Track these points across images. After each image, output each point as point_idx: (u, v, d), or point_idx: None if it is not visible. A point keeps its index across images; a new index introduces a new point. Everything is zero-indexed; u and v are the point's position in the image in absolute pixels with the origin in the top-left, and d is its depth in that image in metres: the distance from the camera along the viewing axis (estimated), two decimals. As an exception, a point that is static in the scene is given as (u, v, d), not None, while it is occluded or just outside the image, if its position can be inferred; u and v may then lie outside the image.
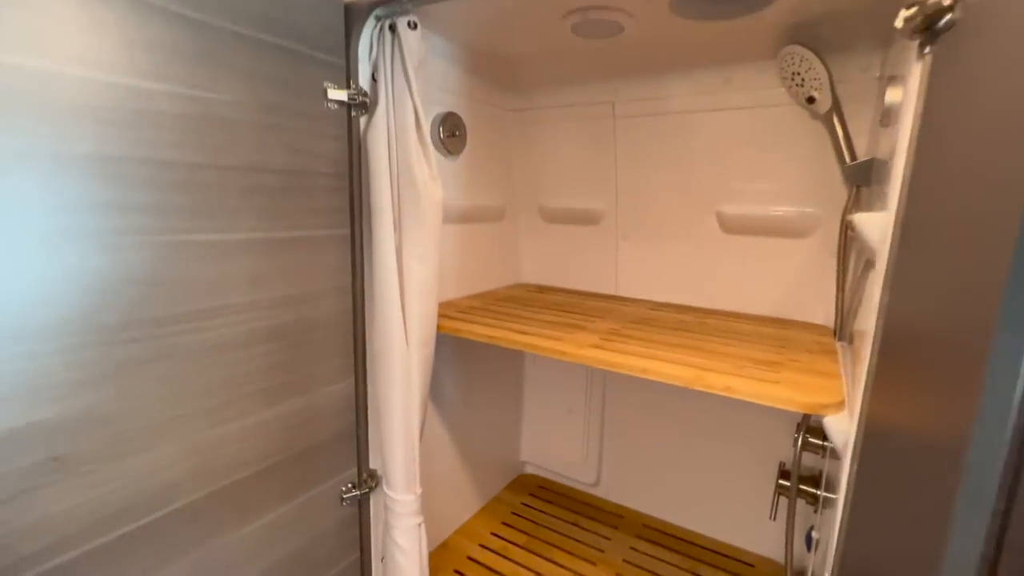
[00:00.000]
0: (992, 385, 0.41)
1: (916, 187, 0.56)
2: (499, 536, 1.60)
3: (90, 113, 0.69)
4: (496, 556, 1.51)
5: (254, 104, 0.88)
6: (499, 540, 1.58)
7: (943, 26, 0.51)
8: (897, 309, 0.58)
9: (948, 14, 0.50)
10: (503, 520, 1.68)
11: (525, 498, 1.80)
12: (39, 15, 0.63)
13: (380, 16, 1.03)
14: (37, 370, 0.67)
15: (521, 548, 1.54)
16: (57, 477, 0.71)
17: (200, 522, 0.89)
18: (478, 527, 1.64)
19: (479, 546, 1.55)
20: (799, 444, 1.10)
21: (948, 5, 0.49)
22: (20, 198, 0.64)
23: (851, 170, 1.10)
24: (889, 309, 0.59)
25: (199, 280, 0.83)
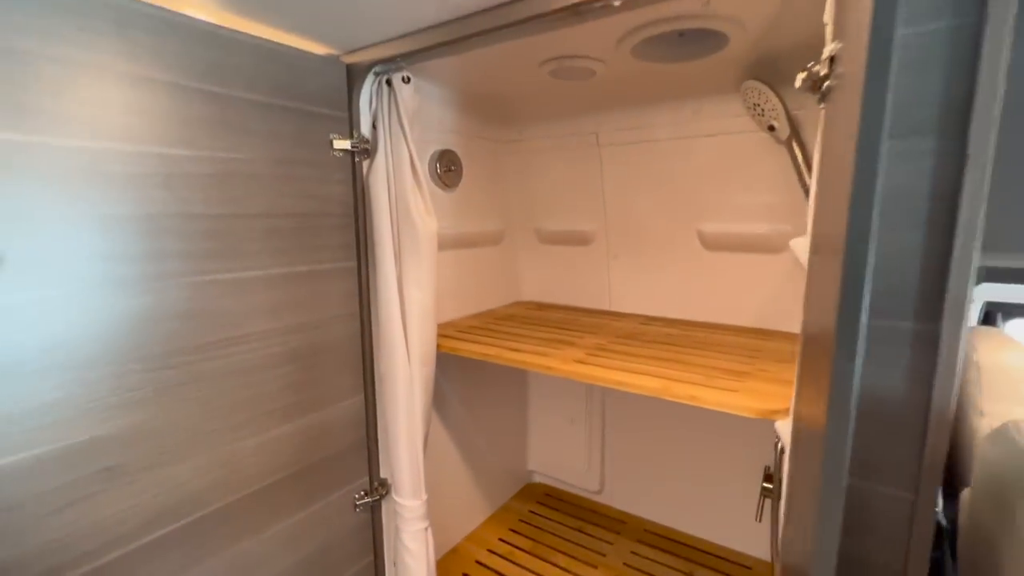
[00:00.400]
0: (837, 377, 0.51)
1: (817, 214, 0.66)
2: (506, 542, 1.69)
3: (132, 180, 0.83)
4: (502, 560, 1.60)
5: (269, 159, 1.02)
6: (506, 545, 1.67)
7: (826, 88, 0.61)
8: (807, 319, 0.67)
9: (826, 81, 0.59)
10: (510, 527, 1.77)
11: (532, 506, 1.89)
12: (97, 106, 0.78)
13: (378, 72, 1.17)
14: (93, 394, 0.80)
15: (526, 553, 1.63)
16: (109, 485, 0.84)
17: (229, 525, 1.01)
18: (486, 533, 1.73)
19: (487, 551, 1.64)
20: (778, 448, 1.17)
21: (824, 75, 0.59)
22: (77, 252, 0.78)
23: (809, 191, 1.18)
24: (804, 320, 0.69)
25: (224, 313, 0.96)
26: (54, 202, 0.75)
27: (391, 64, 1.13)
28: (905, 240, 0.61)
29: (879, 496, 0.66)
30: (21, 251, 0.72)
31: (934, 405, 0.60)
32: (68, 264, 0.77)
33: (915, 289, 0.61)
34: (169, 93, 0.86)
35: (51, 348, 0.76)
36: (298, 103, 1.07)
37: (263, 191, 1.01)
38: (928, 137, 0.59)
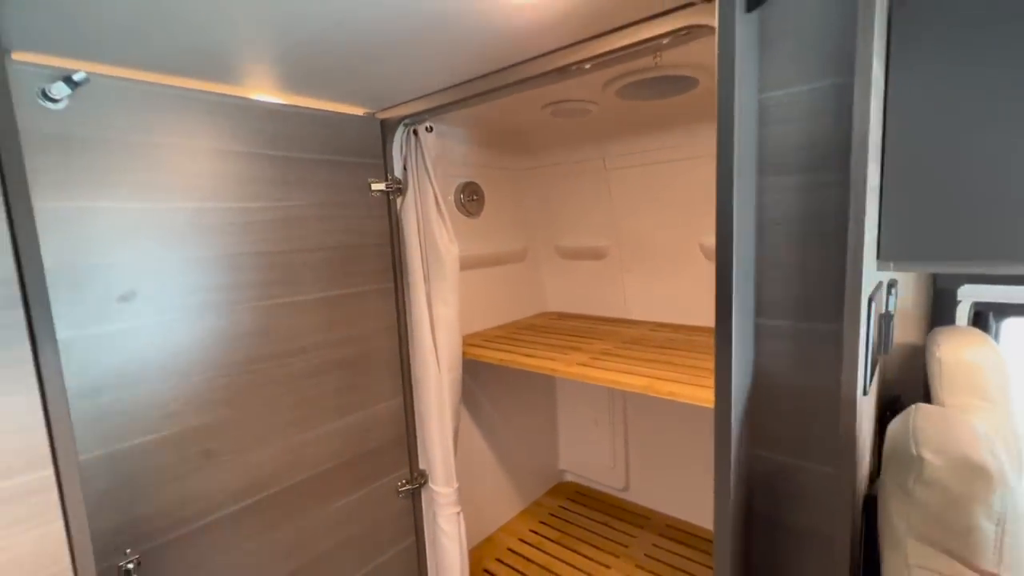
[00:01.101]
0: (720, 362, 0.65)
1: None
2: (536, 532, 1.84)
3: (219, 229, 1.08)
4: (532, 548, 1.76)
5: (318, 204, 1.26)
6: (536, 536, 1.83)
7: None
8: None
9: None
10: (541, 520, 1.92)
11: (563, 501, 2.03)
12: (194, 176, 1.04)
13: (407, 124, 1.39)
14: (195, 393, 1.06)
15: (554, 543, 1.78)
16: (206, 463, 1.09)
17: (294, 501, 1.24)
18: (518, 525, 1.89)
19: (518, 540, 1.81)
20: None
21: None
22: (182, 286, 1.04)
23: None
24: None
25: (288, 329, 1.21)
26: (167, 250, 1.01)
27: (417, 117, 1.36)
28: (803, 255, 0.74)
29: (808, 472, 0.79)
30: (146, 287, 0.99)
31: (843, 392, 0.72)
32: (176, 295, 1.03)
33: (820, 294, 0.74)
34: (243, 160, 1.12)
35: (166, 358, 1.02)
36: (342, 156, 1.31)
37: (316, 229, 1.25)
38: (822, 171, 0.72)
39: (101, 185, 0.92)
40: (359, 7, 0.76)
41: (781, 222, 0.77)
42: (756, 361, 0.82)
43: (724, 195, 0.62)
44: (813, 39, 0.71)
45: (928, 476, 0.56)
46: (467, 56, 1.00)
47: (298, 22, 0.80)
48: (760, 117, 0.76)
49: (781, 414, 0.81)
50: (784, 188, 0.76)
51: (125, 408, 0.96)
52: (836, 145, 0.72)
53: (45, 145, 0.84)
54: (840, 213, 0.72)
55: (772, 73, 0.75)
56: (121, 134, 0.94)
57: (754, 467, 0.85)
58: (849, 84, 0.68)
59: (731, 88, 0.59)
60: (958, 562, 0.53)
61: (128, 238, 0.96)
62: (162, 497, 1.02)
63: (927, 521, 0.55)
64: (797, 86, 0.73)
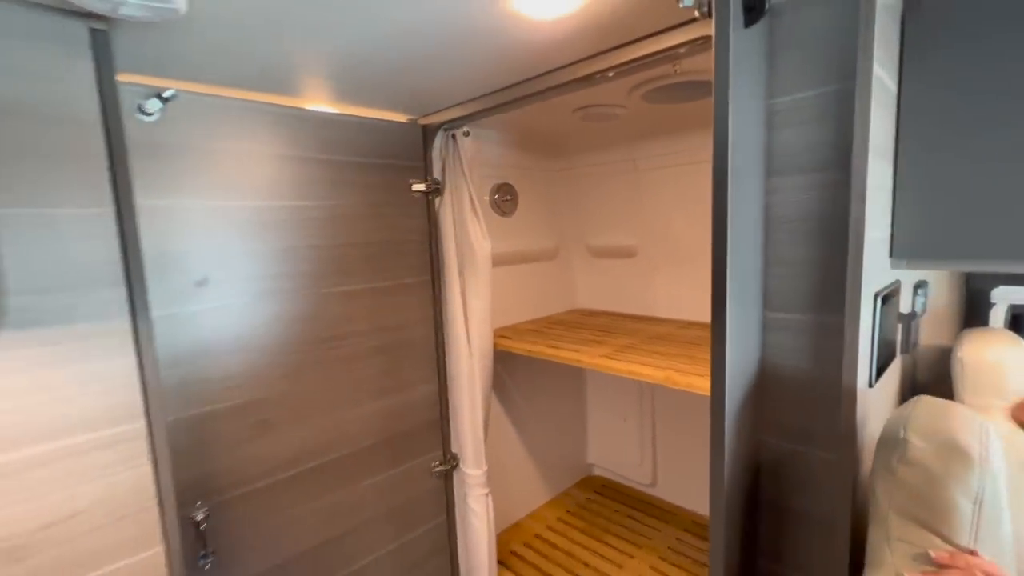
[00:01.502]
0: (715, 352, 0.71)
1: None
2: (563, 521, 1.91)
3: (277, 224, 1.22)
4: (558, 535, 1.83)
5: (365, 203, 1.38)
6: (562, 524, 1.89)
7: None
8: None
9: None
10: (568, 509, 1.99)
11: (590, 494, 2.09)
12: (256, 177, 1.18)
13: (446, 129, 1.49)
14: (256, 369, 1.20)
15: (579, 532, 1.84)
16: (264, 432, 1.22)
17: (338, 473, 1.37)
18: (546, 513, 1.97)
19: (545, 527, 1.88)
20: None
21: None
22: (246, 274, 1.18)
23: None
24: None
25: (336, 316, 1.33)
26: (233, 242, 1.15)
27: (455, 123, 1.46)
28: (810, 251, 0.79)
29: (812, 458, 0.83)
30: (216, 275, 1.13)
31: (844, 382, 0.76)
32: (242, 282, 1.17)
33: (826, 289, 0.78)
34: (299, 164, 1.25)
35: (233, 337, 1.16)
36: (386, 159, 1.43)
37: (362, 226, 1.38)
38: (828, 172, 0.76)
39: (182, 186, 1.07)
40: (404, 25, 0.86)
41: (788, 220, 0.82)
42: (763, 352, 0.86)
43: (719, 194, 0.68)
44: (819, 48, 0.75)
45: (910, 456, 0.60)
46: (499, 67, 1.09)
47: (352, 42, 0.91)
48: (768, 121, 0.81)
49: (787, 403, 0.85)
50: (791, 188, 0.80)
51: (198, 379, 1.11)
52: (840, 147, 0.76)
53: (140, 152, 0.99)
54: (845, 211, 0.76)
55: (780, 80, 0.79)
56: (199, 142, 1.08)
57: (760, 454, 0.89)
58: (853, 89, 0.72)
59: (725, 97, 0.65)
60: (936, 537, 0.57)
61: (203, 231, 1.10)
62: (226, 459, 1.17)
63: (908, 498, 0.59)
64: (803, 92, 0.77)
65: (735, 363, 0.74)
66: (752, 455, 0.88)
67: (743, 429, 0.82)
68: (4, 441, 0.73)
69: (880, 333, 0.83)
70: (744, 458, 0.83)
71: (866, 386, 0.80)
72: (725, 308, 0.70)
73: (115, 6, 0.63)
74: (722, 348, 0.71)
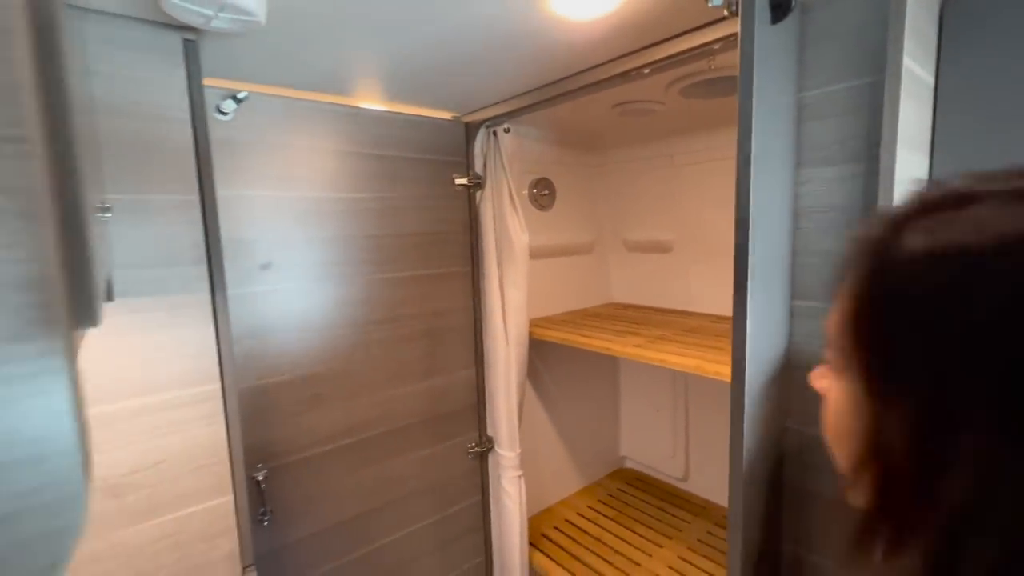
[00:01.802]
0: (736, 340, 0.75)
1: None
2: (593, 509, 1.95)
3: (336, 215, 1.33)
4: (588, 522, 1.87)
5: (413, 196, 1.47)
6: (593, 512, 1.94)
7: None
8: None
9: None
10: (599, 499, 2.03)
11: (621, 485, 2.12)
12: (317, 171, 1.29)
13: (488, 126, 1.57)
14: (312, 346, 1.31)
15: (610, 520, 1.88)
16: (317, 405, 1.34)
17: (382, 447, 1.47)
18: (577, 501, 2.01)
19: (576, 513, 1.93)
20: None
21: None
22: (306, 260, 1.29)
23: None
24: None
25: (386, 300, 1.43)
26: (295, 230, 1.27)
27: (496, 120, 1.53)
28: (839, 241, 0.80)
29: (837, 443, 0.84)
30: (280, 260, 1.24)
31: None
32: (301, 267, 1.28)
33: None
34: (354, 159, 1.35)
35: (293, 317, 1.27)
36: (432, 155, 1.51)
37: (410, 217, 1.47)
38: (857, 163, 0.78)
39: (251, 178, 1.19)
40: (451, 27, 0.93)
41: (817, 210, 0.84)
42: (791, 340, 0.89)
43: (742, 186, 0.72)
44: (850, 42, 0.77)
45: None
46: (539, 66, 1.15)
47: (404, 45, 1.00)
48: (799, 114, 0.83)
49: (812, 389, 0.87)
50: (821, 179, 0.83)
51: (261, 353, 1.23)
52: (870, 139, 0.77)
53: (218, 148, 1.11)
54: (873, 202, 0.78)
55: (811, 74, 0.81)
56: (267, 138, 1.20)
57: (786, 440, 0.91)
58: (883, 82, 0.74)
59: (749, 93, 0.68)
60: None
61: (268, 219, 1.22)
62: (284, 428, 1.28)
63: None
64: (834, 85, 0.79)
65: (757, 348, 0.77)
66: (777, 441, 0.90)
67: (768, 415, 0.84)
68: (105, 394, 0.85)
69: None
70: (768, 444, 0.86)
71: (894, 375, 0.81)
72: (746, 297, 0.73)
73: (208, 20, 0.73)
74: (743, 336, 0.74)
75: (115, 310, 0.84)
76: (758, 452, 0.82)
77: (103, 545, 0.85)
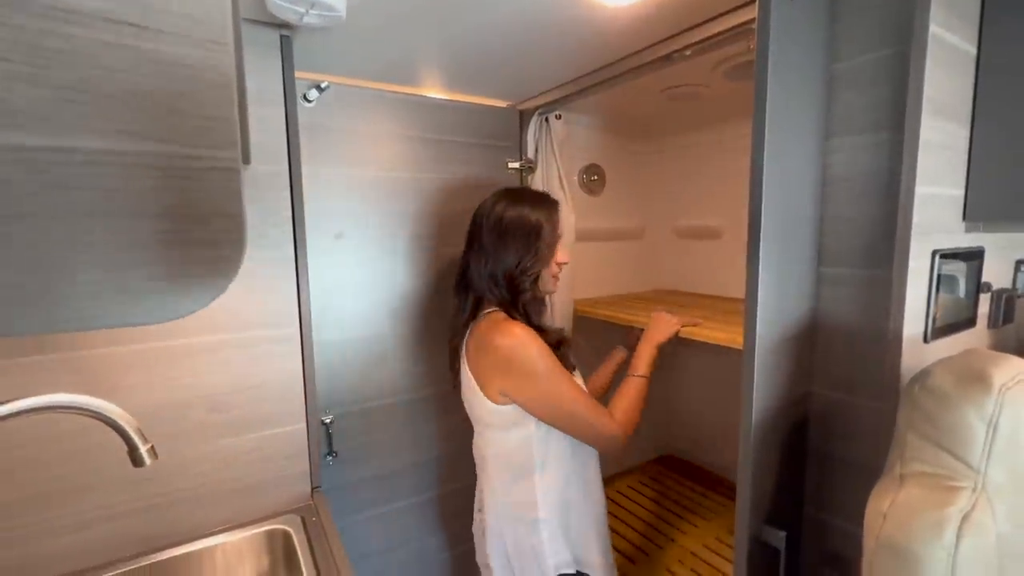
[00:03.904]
0: (748, 323, 0.81)
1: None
2: (633, 488, 2.00)
3: (400, 192, 1.48)
4: (627, 499, 1.92)
5: (467, 177, 1.60)
6: (632, 491, 1.98)
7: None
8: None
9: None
10: (640, 480, 2.07)
11: (663, 469, 2.15)
12: (383, 152, 1.45)
13: (540, 113, 1.67)
14: (375, 309, 1.47)
15: (649, 499, 1.92)
16: (381, 363, 1.49)
17: (437, 406, 1.61)
18: (617, 481, 2.07)
19: (616, 491, 1.99)
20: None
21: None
22: (371, 230, 1.45)
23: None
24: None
25: (440, 272, 1.57)
26: (364, 204, 1.43)
27: (548, 107, 1.62)
28: (867, 208, 0.83)
29: (860, 408, 0.87)
30: (351, 231, 1.41)
31: (891, 330, 0.80)
32: (369, 238, 1.44)
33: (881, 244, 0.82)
34: (417, 142, 1.50)
35: (360, 282, 1.44)
36: (487, 140, 1.63)
37: (464, 197, 1.60)
38: (886, 131, 0.80)
39: (328, 157, 1.36)
40: (504, 15, 1.04)
41: (845, 179, 0.86)
42: (816, 307, 0.92)
43: (757, 152, 0.77)
44: (880, 13, 0.80)
45: (930, 384, 0.64)
46: (584, 52, 1.23)
47: (460, 33, 1.12)
48: (828, 85, 0.86)
49: (837, 354, 0.89)
50: (849, 148, 0.85)
51: (332, 313, 1.40)
52: (899, 107, 0.79)
53: (303, 131, 1.29)
54: (883, 171, 0.80)
55: (840, 46, 0.84)
56: (341, 123, 1.37)
57: (809, 404, 0.94)
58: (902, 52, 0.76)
59: (764, 71, 0.74)
60: (948, 455, 0.61)
61: (341, 194, 1.39)
62: (349, 379, 1.45)
63: (924, 419, 0.64)
64: (865, 55, 0.82)
65: (773, 311, 0.82)
66: (800, 405, 0.93)
67: (789, 379, 0.88)
68: (213, 326, 1.04)
69: (948, 293, 0.85)
70: (788, 407, 0.90)
71: (920, 340, 0.82)
72: (759, 263, 0.78)
73: (300, 16, 0.88)
74: (755, 301, 0.79)
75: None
76: (776, 414, 0.86)
77: (209, 449, 1.04)
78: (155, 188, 0.25)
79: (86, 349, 0.91)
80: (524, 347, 1.00)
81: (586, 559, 1.11)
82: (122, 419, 0.65)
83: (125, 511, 0.98)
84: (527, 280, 1.08)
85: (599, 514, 1.17)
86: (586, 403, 1.06)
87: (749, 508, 0.86)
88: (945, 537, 0.57)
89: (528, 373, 1.01)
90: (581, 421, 1.05)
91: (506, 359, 1.01)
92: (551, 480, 1.07)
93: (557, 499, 1.08)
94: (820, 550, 0.95)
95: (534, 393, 1.02)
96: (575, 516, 1.11)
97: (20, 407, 0.59)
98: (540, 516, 1.06)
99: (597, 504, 1.17)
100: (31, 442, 0.89)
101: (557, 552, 1.08)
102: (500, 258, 1.08)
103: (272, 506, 1.12)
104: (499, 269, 1.09)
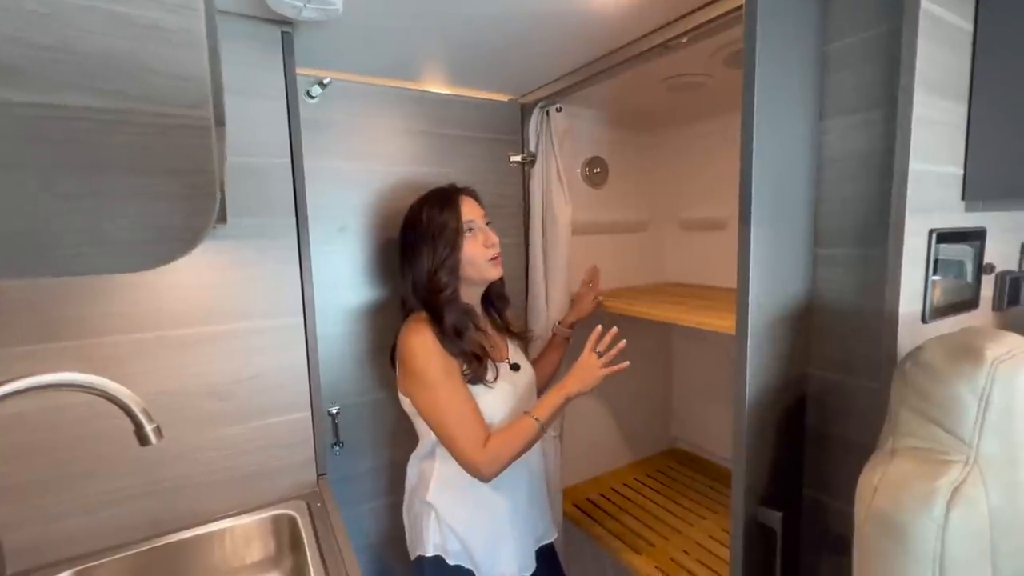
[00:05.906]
0: (740, 304, 0.81)
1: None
2: (640, 481, 2.00)
3: (400, 186, 1.50)
4: (634, 492, 1.92)
5: (470, 171, 1.61)
6: (639, 483, 1.98)
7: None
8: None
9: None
10: (647, 473, 2.06)
11: (670, 462, 2.14)
12: (387, 146, 1.47)
13: (541, 106, 1.68)
14: (378, 304, 1.49)
15: (656, 492, 1.91)
16: (379, 354, 1.51)
17: (438, 398, 1.62)
18: (625, 473, 2.07)
19: (622, 484, 1.98)
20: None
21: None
22: (372, 226, 1.47)
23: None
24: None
25: (441, 265, 1.58)
26: (364, 197, 1.45)
27: (549, 100, 1.63)
28: (861, 187, 0.83)
29: (856, 388, 0.87)
30: (352, 224, 1.44)
31: (886, 310, 0.80)
32: (370, 231, 1.46)
33: (868, 222, 0.82)
34: (419, 137, 1.52)
35: (359, 274, 1.46)
36: (488, 134, 1.65)
37: (465, 191, 1.61)
38: (874, 111, 0.80)
39: (331, 151, 1.38)
40: (502, 8, 1.06)
41: (839, 159, 0.86)
42: (812, 288, 0.91)
43: (746, 134, 0.77)
44: (871, -7, 0.79)
45: (923, 359, 0.64)
46: (582, 42, 1.24)
47: (458, 25, 1.13)
48: (824, 66, 0.86)
49: (833, 335, 0.89)
50: (843, 128, 0.85)
51: (333, 305, 1.42)
52: (891, 86, 0.79)
53: (306, 127, 1.32)
54: (877, 149, 0.80)
55: (835, 26, 0.84)
56: (344, 118, 1.39)
57: (806, 385, 0.94)
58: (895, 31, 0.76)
59: (753, 48, 0.74)
60: (939, 428, 0.61)
61: (343, 188, 1.41)
62: (352, 371, 1.47)
63: (916, 394, 0.64)
64: (857, 34, 0.82)
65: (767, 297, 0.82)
66: (797, 387, 0.93)
67: (786, 359, 0.88)
68: (215, 316, 1.07)
69: (947, 273, 0.84)
70: (786, 389, 0.90)
71: (918, 320, 0.82)
72: (749, 245, 0.78)
73: (298, 10, 0.90)
74: (746, 281, 0.79)
75: (223, 247, 1.06)
76: (771, 396, 0.86)
77: (211, 437, 1.07)
78: (130, 144, 0.27)
79: (92, 338, 0.94)
80: (415, 354, 1.09)
81: (467, 555, 1.16)
82: (128, 398, 0.68)
83: (134, 495, 1.01)
84: (444, 273, 1.16)
85: (501, 522, 1.19)
86: (461, 422, 1.08)
87: (744, 489, 0.86)
88: (935, 509, 0.57)
89: (417, 378, 1.10)
90: (447, 439, 1.10)
91: (403, 359, 1.13)
92: (447, 472, 1.16)
93: (448, 491, 1.17)
94: (819, 531, 0.94)
95: (418, 397, 1.12)
96: (463, 512, 1.17)
97: (30, 383, 0.62)
98: (428, 499, 1.16)
99: (501, 510, 1.19)
100: (41, 427, 0.92)
101: (433, 535, 1.16)
102: (415, 265, 1.18)
103: (278, 492, 1.15)
104: (418, 275, 1.18)
